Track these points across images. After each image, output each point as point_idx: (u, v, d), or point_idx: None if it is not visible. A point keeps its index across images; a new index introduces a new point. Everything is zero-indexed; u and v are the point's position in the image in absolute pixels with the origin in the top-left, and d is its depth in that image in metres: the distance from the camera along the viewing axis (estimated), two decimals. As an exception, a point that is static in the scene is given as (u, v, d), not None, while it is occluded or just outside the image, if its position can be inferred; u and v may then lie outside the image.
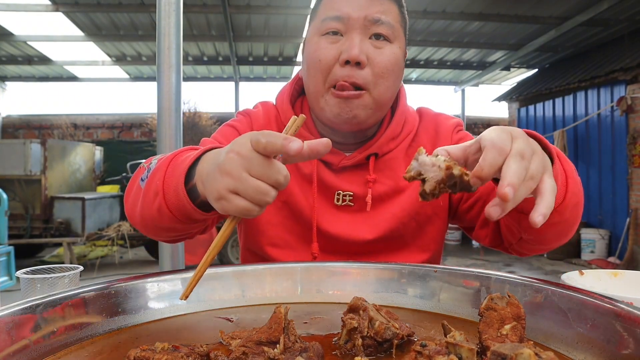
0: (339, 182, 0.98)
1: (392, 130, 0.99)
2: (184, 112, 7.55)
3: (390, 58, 0.91)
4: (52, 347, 0.58)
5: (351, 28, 0.90)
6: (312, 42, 0.94)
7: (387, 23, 0.91)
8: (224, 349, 0.58)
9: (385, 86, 0.92)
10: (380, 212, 0.97)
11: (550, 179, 0.55)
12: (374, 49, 0.90)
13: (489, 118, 10.15)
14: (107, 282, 0.69)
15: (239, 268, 0.81)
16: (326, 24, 0.92)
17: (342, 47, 0.90)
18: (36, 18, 6.32)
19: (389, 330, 0.55)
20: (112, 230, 6.51)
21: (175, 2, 1.44)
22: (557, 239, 0.78)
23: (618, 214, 6.49)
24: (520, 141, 0.54)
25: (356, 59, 0.87)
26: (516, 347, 0.40)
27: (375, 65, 0.90)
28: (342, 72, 0.89)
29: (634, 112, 6.06)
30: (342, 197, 0.98)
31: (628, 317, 0.51)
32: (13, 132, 9.41)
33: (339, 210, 0.98)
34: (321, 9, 0.95)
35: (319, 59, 0.91)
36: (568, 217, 0.72)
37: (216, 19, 6.61)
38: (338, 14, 0.90)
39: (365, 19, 0.89)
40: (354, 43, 0.88)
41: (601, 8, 5.59)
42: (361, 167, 0.99)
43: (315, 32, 0.94)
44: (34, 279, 0.88)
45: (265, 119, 1.05)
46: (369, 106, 0.92)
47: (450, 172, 0.52)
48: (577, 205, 0.73)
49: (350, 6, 0.90)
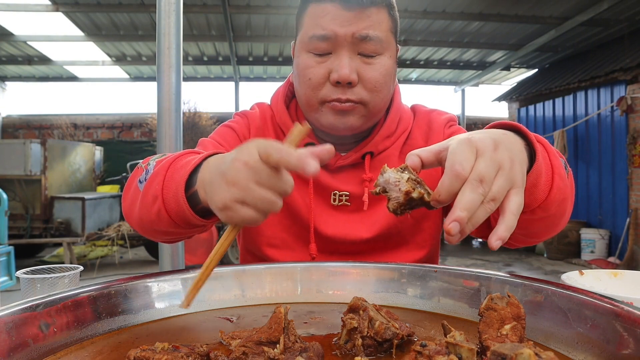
0: (335, 182, 0.98)
1: (387, 128, 0.99)
2: (184, 112, 7.55)
3: (381, 71, 0.90)
4: (52, 347, 0.58)
5: (339, 46, 0.88)
6: (301, 58, 0.92)
7: (376, 38, 0.88)
8: (224, 349, 0.58)
9: (379, 98, 0.92)
10: (376, 211, 0.97)
11: (516, 196, 0.53)
12: (364, 65, 0.89)
13: (489, 118, 10.14)
14: (107, 282, 0.69)
15: (239, 268, 0.81)
16: (313, 44, 0.89)
17: (332, 65, 0.88)
18: (36, 18, 6.32)
19: (389, 330, 0.55)
20: (112, 230, 6.51)
21: (175, 2, 1.44)
22: (545, 232, 0.78)
23: (618, 214, 6.48)
24: (483, 159, 0.52)
25: (347, 79, 0.86)
26: (516, 347, 0.40)
27: (367, 81, 0.89)
28: (334, 92, 0.89)
29: (634, 112, 6.05)
30: (339, 197, 0.98)
31: (628, 317, 0.51)
32: (13, 132, 9.40)
33: (336, 210, 0.98)
34: (306, 21, 0.92)
35: (309, 78, 0.90)
36: (554, 213, 0.71)
37: (216, 19, 6.61)
38: (324, 33, 0.87)
39: (352, 36, 0.87)
40: (344, 63, 0.87)
41: (601, 8, 5.59)
42: (357, 167, 0.99)
43: (303, 46, 0.92)
44: (34, 279, 0.88)
45: (261, 119, 1.05)
46: (365, 115, 0.92)
47: (409, 197, 0.53)
48: (564, 200, 0.71)
49: (336, 23, 0.87)
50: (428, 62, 8.67)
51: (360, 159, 0.98)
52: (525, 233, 0.78)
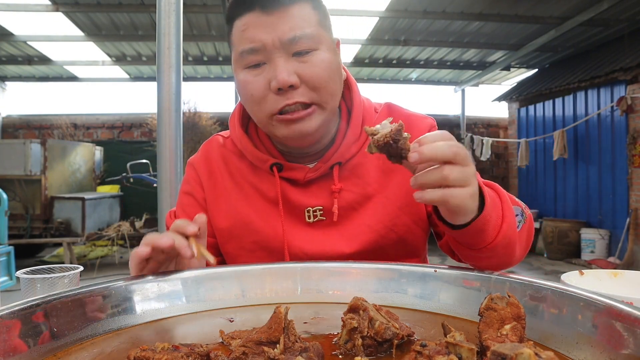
0: (306, 199, 0.95)
1: (352, 133, 0.96)
2: (184, 112, 7.55)
3: (321, 66, 0.86)
4: (52, 347, 0.58)
5: (271, 54, 0.85)
6: (239, 76, 0.90)
7: (304, 36, 0.85)
8: (224, 349, 0.58)
9: (327, 94, 0.88)
10: (354, 224, 0.94)
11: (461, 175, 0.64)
12: (302, 65, 0.86)
13: (489, 118, 10.14)
14: (107, 282, 0.69)
15: (239, 268, 0.82)
16: (245, 59, 0.87)
17: (269, 75, 0.85)
18: (36, 18, 6.31)
19: (389, 330, 0.55)
20: (112, 230, 6.52)
21: (175, 2, 1.44)
22: (494, 267, 0.80)
23: (618, 214, 6.48)
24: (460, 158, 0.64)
25: (287, 83, 0.83)
26: (516, 347, 0.40)
27: (309, 80, 0.86)
28: (279, 101, 0.86)
29: (634, 112, 6.05)
30: (313, 213, 0.94)
31: (628, 317, 0.51)
32: (13, 132, 9.40)
33: (312, 227, 0.95)
34: (234, 39, 0.90)
35: (251, 94, 0.88)
36: (500, 254, 0.78)
37: (216, 19, 6.61)
38: (252, 46, 0.85)
39: (280, 41, 0.84)
40: (280, 68, 0.84)
41: (601, 8, 5.59)
42: (327, 178, 0.95)
43: (237, 65, 0.90)
44: (34, 279, 0.88)
45: (205, 163, 1.03)
46: (316, 117, 0.89)
47: (399, 129, 0.61)
48: (509, 245, 0.79)
49: (260, 31, 0.85)
50: (428, 62, 8.67)
51: (329, 169, 0.95)
52: (474, 265, 0.83)
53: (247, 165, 1.00)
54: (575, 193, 7.33)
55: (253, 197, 0.98)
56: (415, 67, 8.89)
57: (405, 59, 8.54)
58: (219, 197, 1.00)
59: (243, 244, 0.97)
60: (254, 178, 0.99)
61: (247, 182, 0.99)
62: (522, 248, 0.86)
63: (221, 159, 1.03)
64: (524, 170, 8.42)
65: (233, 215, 0.98)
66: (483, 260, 0.80)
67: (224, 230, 0.99)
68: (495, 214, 0.74)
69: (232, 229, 0.98)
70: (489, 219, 0.72)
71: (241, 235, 0.97)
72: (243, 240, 0.97)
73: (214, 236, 1.01)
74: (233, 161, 1.02)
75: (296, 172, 0.95)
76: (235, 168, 1.01)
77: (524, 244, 0.87)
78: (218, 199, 1.00)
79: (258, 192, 0.98)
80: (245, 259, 0.97)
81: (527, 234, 0.88)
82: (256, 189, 0.98)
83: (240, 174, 1.00)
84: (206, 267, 0.82)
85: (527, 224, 0.86)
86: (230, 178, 1.01)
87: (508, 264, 0.83)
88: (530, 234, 0.89)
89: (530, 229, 0.89)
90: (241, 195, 0.99)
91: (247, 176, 0.99)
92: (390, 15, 6.21)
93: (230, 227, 0.98)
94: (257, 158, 0.97)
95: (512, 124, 9.09)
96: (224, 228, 0.99)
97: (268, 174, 0.97)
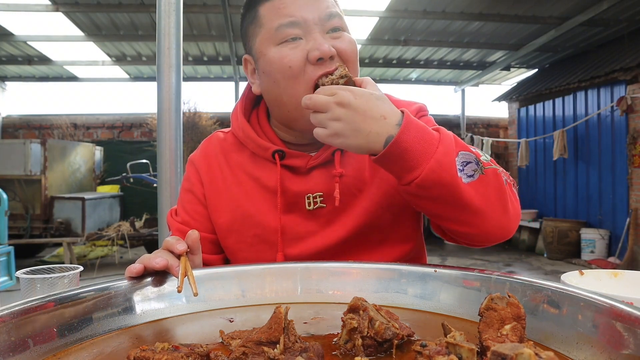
0: (307, 186, 0.96)
1: None
2: (184, 112, 7.55)
3: (350, 43, 0.92)
4: (51, 347, 0.58)
5: (310, 30, 0.89)
6: (271, 53, 0.91)
7: (337, 14, 0.92)
8: (224, 349, 0.58)
9: (355, 70, 0.93)
10: (351, 208, 0.95)
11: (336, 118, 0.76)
12: (335, 40, 0.91)
13: (488, 118, 10.15)
14: (107, 282, 0.69)
15: (239, 268, 0.82)
16: (283, 32, 0.89)
17: (307, 47, 0.88)
18: (36, 18, 6.32)
19: (389, 330, 0.55)
20: (112, 230, 6.51)
21: (175, 2, 1.44)
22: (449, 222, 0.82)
23: (618, 214, 6.48)
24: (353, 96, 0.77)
25: (329, 53, 0.87)
26: (516, 347, 0.40)
27: (343, 53, 0.90)
28: (318, 69, 0.88)
29: (634, 112, 6.05)
30: (313, 199, 0.96)
31: (628, 317, 0.51)
32: (13, 132, 9.40)
33: (312, 215, 0.96)
34: (267, 19, 0.92)
35: (289, 66, 0.89)
36: (448, 200, 0.77)
37: (216, 19, 6.62)
38: (293, 20, 0.89)
39: (319, 18, 0.89)
40: (321, 40, 0.88)
41: (601, 8, 5.59)
42: (329, 165, 0.97)
43: (268, 43, 0.92)
44: (34, 279, 0.88)
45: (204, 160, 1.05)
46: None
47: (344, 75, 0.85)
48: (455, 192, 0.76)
49: (302, 10, 0.89)
50: (428, 62, 8.67)
51: (331, 156, 0.96)
52: (430, 214, 0.85)
53: (248, 156, 1.01)
54: (575, 193, 7.33)
55: (252, 190, 0.99)
56: (415, 67, 8.89)
57: (405, 59, 8.55)
58: (219, 192, 1.01)
59: (243, 237, 0.98)
60: (254, 168, 1.00)
61: (246, 174, 1.00)
62: (491, 207, 0.80)
63: (221, 154, 1.04)
64: (524, 170, 8.42)
65: (232, 210, 0.99)
66: (427, 205, 0.81)
67: (224, 225, 1.00)
68: (421, 147, 0.75)
69: (231, 224, 0.99)
70: (406, 146, 0.74)
71: (241, 229, 0.98)
72: (243, 234, 0.98)
73: (214, 232, 1.02)
74: (233, 154, 1.03)
75: (298, 160, 0.96)
76: (235, 161, 1.02)
77: (493, 200, 0.80)
78: (217, 195, 1.01)
79: (258, 183, 0.98)
80: (245, 253, 0.98)
81: (497, 190, 0.80)
82: (256, 181, 0.99)
83: (240, 167, 1.01)
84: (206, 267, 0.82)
85: (492, 178, 0.80)
86: (230, 172, 1.02)
87: (473, 223, 0.80)
88: (502, 192, 0.81)
89: (500, 186, 0.81)
90: (240, 189, 1.00)
91: (247, 167, 1.00)
92: (390, 15, 6.21)
93: (230, 222, 0.99)
94: (260, 146, 0.98)
95: (512, 124, 9.09)
96: (223, 223, 1.00)
97: (269, 163, 0.98)
